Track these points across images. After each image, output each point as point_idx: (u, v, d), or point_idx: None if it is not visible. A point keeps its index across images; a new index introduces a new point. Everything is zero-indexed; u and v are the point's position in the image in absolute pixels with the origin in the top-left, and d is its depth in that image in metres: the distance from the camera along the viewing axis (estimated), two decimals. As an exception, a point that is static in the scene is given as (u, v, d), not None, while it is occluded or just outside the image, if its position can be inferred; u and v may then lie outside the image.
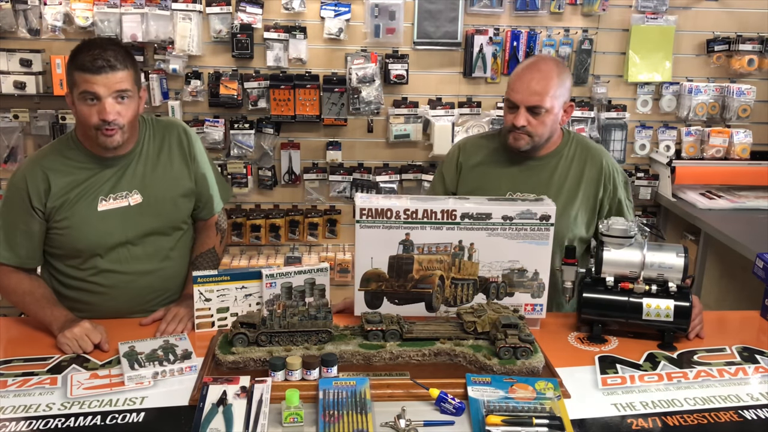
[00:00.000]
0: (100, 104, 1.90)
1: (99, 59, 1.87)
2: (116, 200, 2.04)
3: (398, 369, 1.66)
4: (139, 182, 2.07)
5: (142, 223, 2.08)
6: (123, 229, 2.05)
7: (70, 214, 2.01)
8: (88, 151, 2.04)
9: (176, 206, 2.15)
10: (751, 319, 2.14)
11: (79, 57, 1.89)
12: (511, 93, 2.15)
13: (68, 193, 2.01)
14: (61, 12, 3.25)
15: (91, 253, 2.05)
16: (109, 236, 2.04)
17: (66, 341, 1.82)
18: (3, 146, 3.40)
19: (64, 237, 2.03)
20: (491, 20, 3.50)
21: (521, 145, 2.16)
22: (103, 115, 1.90)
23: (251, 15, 3.33)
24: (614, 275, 1.92)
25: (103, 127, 1.92)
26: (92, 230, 2.02)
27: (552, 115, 2.13)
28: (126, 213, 2.05)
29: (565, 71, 2.18)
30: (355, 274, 1.89)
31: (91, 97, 1.90)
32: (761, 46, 3.61)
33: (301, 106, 3.43)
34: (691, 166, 3.63)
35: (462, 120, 3.55)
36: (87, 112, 1.92)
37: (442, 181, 2.38)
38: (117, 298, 2.10)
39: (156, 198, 2.09)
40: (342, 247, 3.69)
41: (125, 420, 1.50)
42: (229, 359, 1.66)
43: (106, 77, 1.88)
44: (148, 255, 2.11)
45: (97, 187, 2.03)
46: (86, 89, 1.89)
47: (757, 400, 1.63)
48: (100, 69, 1.87)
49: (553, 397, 1.54)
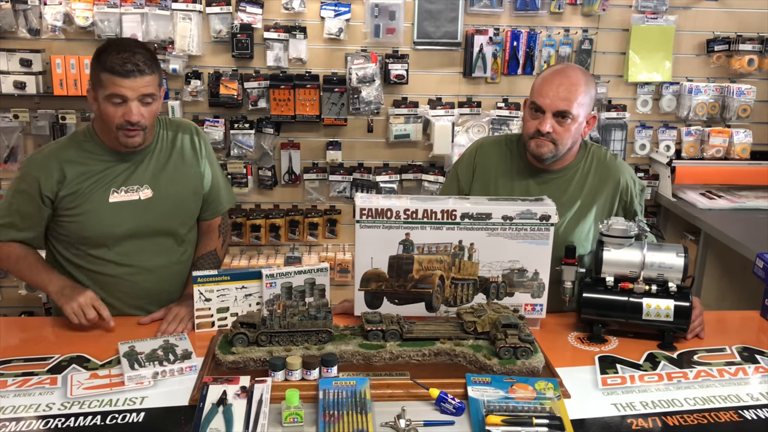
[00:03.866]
0: (126, 106, 1.95)
1: (129, 63, 1.91)
2: (127, 193, 2.08)
3: (398, 369, 1.66)
4: (150, 178, 2.11)
5: (151, 218, 2.11)
6: (131, 222, 2.09)
7: (82, 202, 2.05)
8: (104, 144, 2.08)
9: (184, 204, 2.19)
10: (751, 319, 2.14)
11: (108, 59, 1.92)
12: (538, 97, 2.08)
13: (82, 182, 2.05)
14: (61, 12, 3.25)
15: (97, 243, 2.09)
16: (117, 227, 2.08)
17: (71, 311, 1.91)
18: (3, 146, 3.40)
19: (74, 224, 2.07)
20: (491, 20, 3.50)
21: (544, 152, 2.10)
22: (128, 116, 1.95)
23: (251, 15, 3.33)
24: (614, 275, 1.92)
25: (125, 127, 1.97)
26: (102, 220, 2.06)
27: (576, 124, 2.08)
28: (136, 206, 2.09)
29: (591, 81, 2.12)
30: (355, 274, 1.89)
31: (118, 99, 1.94)
32: (761, 46, 3.61)
33: (301, 106, 3.44)
34: (691, 166, 3.63)
35: (462, 120, 3.55)
36: (112, 112, 1.96)
37: (456, 179, 2.32)
38: (118, 290, 2.12)
39: (166, 194, 2.13)
40: (342, 247, 3.69)
41: (125, 420, 1.50)
42: (229, 359, 1.66)
43: (134, 81, 1.93)
44: (153, 251, 2.14)
45: (110, 179, 2.08)
46: (114, 92, 1.93)
47: (757, 400, 1.63)
48: (129, 73, 1.91)
49: (553, 397, 1.54)
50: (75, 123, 3.39)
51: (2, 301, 3.60)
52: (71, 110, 3.38)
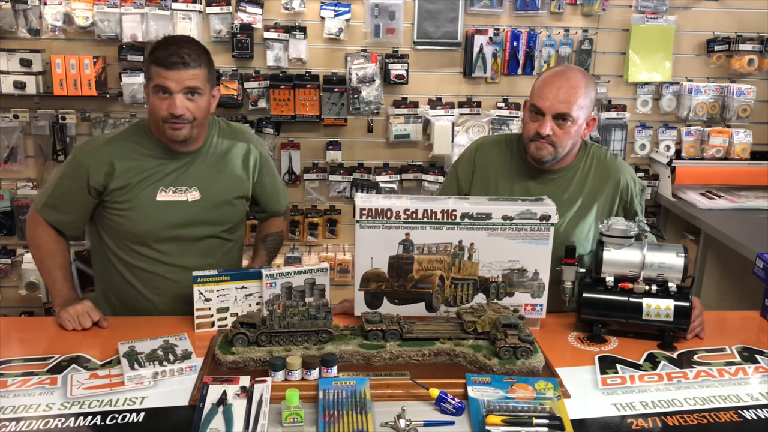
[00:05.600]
0: (171, 99, 1.99)
1: (174, 56, 1.96)
2: (175, 193, 2.11)
3: (398, 369, 1.66)
4: (200, 180, 2.14)
5: (196, 220, 2.14)
6: (176, 222, 2.11)
7: (131, 198, 2.08)
8: (157, 141, 2.11)
9: (230, 209, 2.21)
10: (751, 319, 2.14)
11: (156, 52, 1.99)
12: (538, 99, 2.07)
13: (132, 177, 2.08)
14: (61, 12, 3.25)
15: (141, 239, 2.12)
16: (162, 226, 2.10)
17: (68, 317, 1.94)
18: (3, 146, 3.40)
19: (122, 219, 2.10)
20: (491, 20, 3.50)
21: (544, 155, 2.09)
22: (172, 109, 1.99)
23: (251, 15, 3.33)
24: (614, 275, 1.92)
25: (170, 120, 2.00)
26: (148, 218, 2.09)
27: (576, 126, 2.07)
28: (183, 207, 2.12)
29: (591, 83, 2.11)
30: (355, 274, 1.89)
31: (162, 90, 1.98)
32: (761, 46, 3.61)
33: (301, 106, 3.44)
34: (691, 166, 3.63)
35: (462, 120, 3.55)
36: (158, 104, 2.01)
37: (456, 179, 2.32)
38: (158, 288, 2.15)
39: (213, 198, 2.15)
40: (342, 247, 3.69)
41: (125, 420, 1.50)
42: (229, 359, 1.66)
43: (178, 73, 1.97)
44: (196, 252, 2.16)
45: (159, 177, 2.10)
46: (159, 83, 1.98)
47: (757, 400, 1.63)
48: (174, 65, 1.96)
49: (553, 397, 1.54)
50: (75, 123, 3.39)
51: (2, 301, 3.60)
52: (71, 110, 3.38)
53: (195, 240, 2.16)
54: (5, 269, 3.52)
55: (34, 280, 3.44)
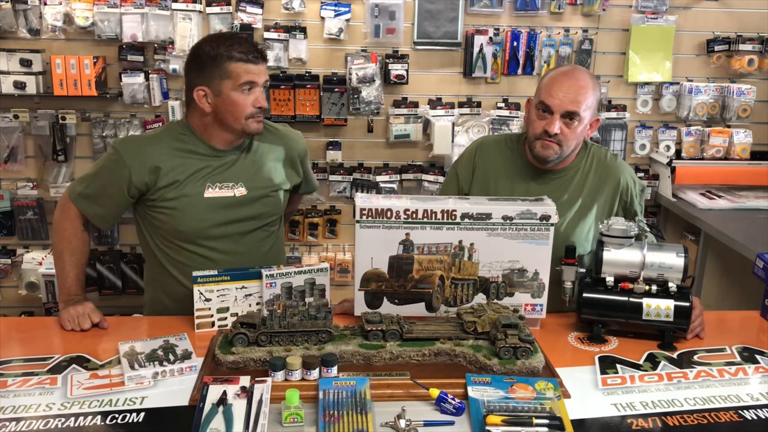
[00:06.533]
0: (254, 93, 2.07)
1: (255, 51, 2.06)
2: (222, 189, 2.13)
3: (398, 369, 1.66)
4: (245, 176, 2.17)
5: (243, 215, 2.16)
6: (224, 218, 2.14)
7: (178, 195, 2.10)
8: (202, 139, 2.14)
9: (275, 201, 2.25)
10: (751, 319, 2.14)
11: (231, 51, 2.03)
12: (547, 97, 2.06)
13: (178, 175, 2.10)
14: (61, 12, 3.24)
15: (189, 236, 2.13)
16: (210, 223, 2.13)
17: (68, 317, 1.95)
18: (3, 146, 3.39)
19: (169, 216, 2.12)
20: (491, 20, 3.50)
21: (549, 154, 2.09)
22: (260, 103, 2.08)
23: (251, 15, 3.33)
24: (614, 275, 1.92)
25: (256, 115, 2.09)
26: (196, 215, 2.11)
27: (582, 126, 2.08)
28: (230, 203, 2.14)
29: (597, 84, 2.12)
30: (355, 274, 1.89)
31: (248, 86, 2.05)
32: (761, 46, 3.60)
33: (301, 106, 3.44)
34: (691, 166, 3.63)
35: (462, 120, 3.55)
36: (243, 101, 2.06)
37: (456, 179, 2.32)
38: None
39: (258, 192, 2.19)
40: (342, 247, 3.69)
41: (125, 420, 1.50)
42: (229, 359, 1.66)
43: (261, 67, 2.08)
44: (242, 246, 2.18)
45: (205, 174, 2.13)
46: (248, 79, 2.05)
47: (757, 400, 1.63)
48: (258, 60, 2.06)
49: (553, 397, 1.54)
50: (75, 123, 3.39)
51: (2, 301, 3.60)
52: (71, 110, 3.38)
53: (242, 234, 2.18)
54: (5, 269, 3.52)
55: (34, 280, 3.44)
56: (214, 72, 2.04)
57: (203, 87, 2.07)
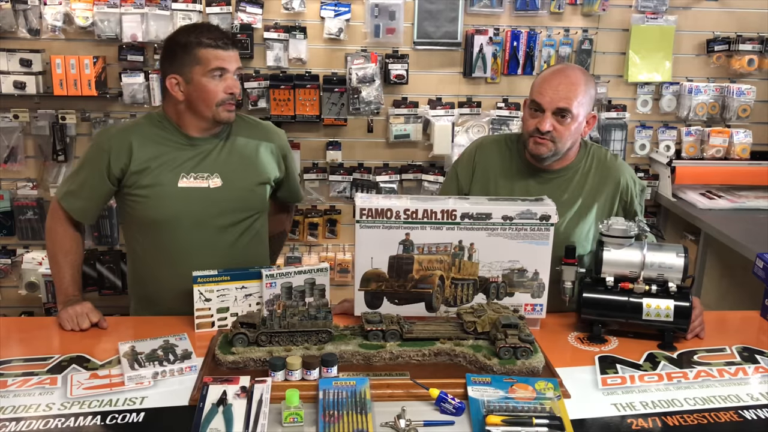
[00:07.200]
0: (226, 80, 2.05)
1: (224, 38, 2.05)
2: (197, 180, 2.12)
3: (398, 369, 1.66)
4: (221, 167, 2.15)
5: (218, 207, 2.14)
6: (199, 209, 2.12)
7: (151, 183, 2.09)
8: (178, 128, 2.13)
9: (253, 195, 2.22)
10: (751, 319, 2.14)
11: (201, 38, 2.03)
12: (538, 96, 2.08)
13: (151, 161, 2.09)
14: (61, 12, 3.24)
15: (164, 226, 2.12)
16: (184, 213, 2.11)
17: (67, 317, 1.95)
18: (3, 146, 3.39)
19: (142, 205, 2.11)
20: (491, 20, 3.50)
21: (543, 151, 2.09)
22: (231, 89, 2.06)
23: (251, 15, 3.33)
24: (614, 275, 1.92)
25: (227, 102, 2.06)
26: (170, 204, 2.10)
27: (576, 123, 2.08)
28: (204, 193, 2.12)
29: (591, 80, 2.13)
30: (355, 274, 1.89)
31: (219, 72, 2.04)
32: (761, 46, 3.60)
33: (301, 106, 3.43)
34: (691, 166, 3.63)
35: (462, 120, 3.55)
36: (213, 87, 2.05)
37: (456, 179, 2.32)
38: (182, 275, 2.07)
39: (236, 185, 2.16)
40: (342, 247, 3.69)
41: (125, 420, 1.50)
42: (229, 359, 1.66)
43: (232, 53, 2.07)
44: (220, 239, 2.16)
45: (180, 163, 2.12)
46: (218, 65, 2.03)
47: (757, 400, 1.63)
48: (228, 46, 2.05)
49: (553, 397, 1.54)
50: (75, 123, 3.39)
51: (2, 301, 3.60)
52: (71, 110, 3.38)
53: (219, 229, 2.16)
54: (5, 269, 3.52)
55: (34, 280, 3.44)
56: (185, 59, 2.04)
57: (175, 75, 2.06)
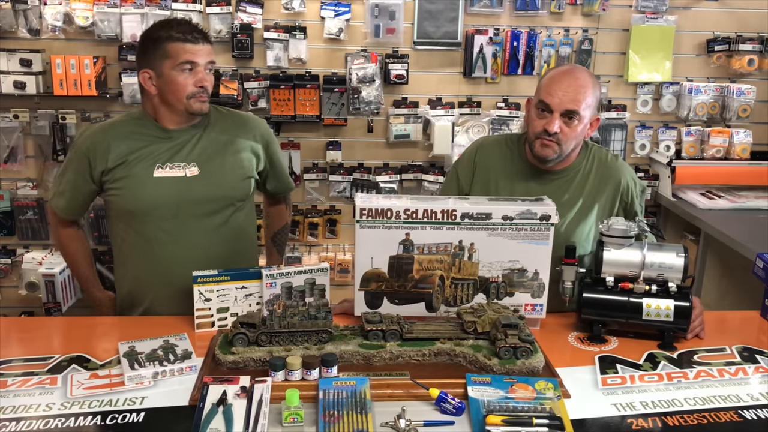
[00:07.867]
0: (196, 73, 2.07)
1: (194, 32, 2.07)
2: (173, 169, 2.13)
3: (398, 369, 1.66)
4: (197, 156, 2.16)
5: (195, 196, 2.15)
6: (175, 197, 2.13)
7: (126, 176, 2.12)
8: (156, 123, 2.16)
9: (232, 185, 2.22)
10: (751, 319, 2.14)
11: (171, 32, 2.05)
12: (546, 96, 2.06)
13: (127, 155, 2.12)
14: (61, 12, 3.25)
15: (142, 218, 2.14)
16: (161, 202, 2.12)
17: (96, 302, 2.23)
18: (3, 146, 3.40)
19: (119, 198, 2.14)
20: (491, 20, 3.50)
21: (548, 153, 2.08)
22: (202, 83, 2.07)
23: (251, 15, 3.33)
24: (614, 275, 1.92)
25: (198, 94, 2.08)
26: (145, 194, 2.12)
27: (582, 125, 2.07)
28: (180, 182, 2.13)
29: (597, 83, 2.12)
30: (355, 274, 1.89)
31: (189, 65, 2.05)
32: (761, 46, 3.61)
33: (301, 106, 3.44)
34: (691, 166, 3.63)
35: (462, 120, 3.55)
36: (183, 81, 2.06)
37: (456, 179, 2.32)
38: (165, 267, 2.16)
39: (212, 174, 2.16)
40: (342, 247, 3.69)
41: (125, 420, 1.50)
42: (229, 359, 1.66)
43: (202, 47, 2.08)
44: (200, 230, 2.17)
45: (156, 155, 2.14)
46: (187, 59, 2.05)
47: (757, 400, 1.63)
48: (197, 40, 2.06)
49: (553, 397, 1.54)
50: (75, 123, 3.39)
51: (2, 301, 3.60)
52: (71, 110, 3.38)
53: (197, 217, 2.16)
54: (5, 269, 3.52)
55: (34, 280, 3.43)
56: (156, 54, 2.07)
57: (147, 69, 2.09)
